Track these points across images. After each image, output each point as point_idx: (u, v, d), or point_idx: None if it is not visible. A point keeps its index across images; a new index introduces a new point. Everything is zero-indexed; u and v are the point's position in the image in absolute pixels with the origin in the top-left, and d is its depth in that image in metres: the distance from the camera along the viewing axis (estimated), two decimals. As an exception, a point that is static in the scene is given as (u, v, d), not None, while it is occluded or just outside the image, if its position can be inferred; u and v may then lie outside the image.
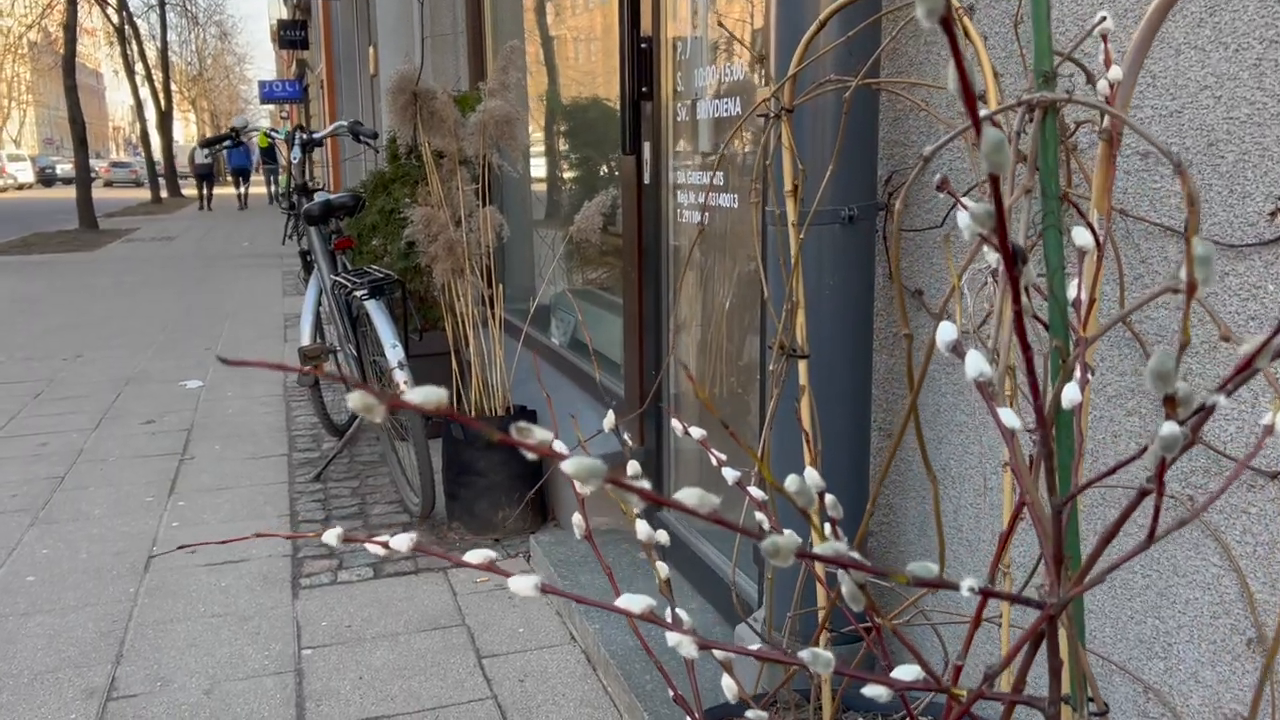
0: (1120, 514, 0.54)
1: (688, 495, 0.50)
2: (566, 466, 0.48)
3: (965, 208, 0.76)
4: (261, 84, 23.62)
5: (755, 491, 0.95)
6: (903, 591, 1.48)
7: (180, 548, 2.94)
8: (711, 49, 2.38)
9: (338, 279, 3.28)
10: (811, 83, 1.21)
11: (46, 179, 42.07)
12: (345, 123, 3.70)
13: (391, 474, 3.54)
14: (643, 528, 0.78)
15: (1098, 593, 1.16)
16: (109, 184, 43.70)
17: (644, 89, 2.60)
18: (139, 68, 27.01)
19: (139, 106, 26.96)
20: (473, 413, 3.14)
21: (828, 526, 0.82)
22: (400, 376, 2.95)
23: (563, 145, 4.13)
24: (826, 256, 1.37)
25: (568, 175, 4.08)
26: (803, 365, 1.21)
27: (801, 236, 1.15)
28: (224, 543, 0.79)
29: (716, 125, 2.37)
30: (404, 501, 3.32)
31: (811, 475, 0.75)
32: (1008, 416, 0.62)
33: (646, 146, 2.67)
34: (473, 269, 3.17)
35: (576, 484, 0.91)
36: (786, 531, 0.68)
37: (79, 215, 15.92)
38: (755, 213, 1.32)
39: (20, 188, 38.83)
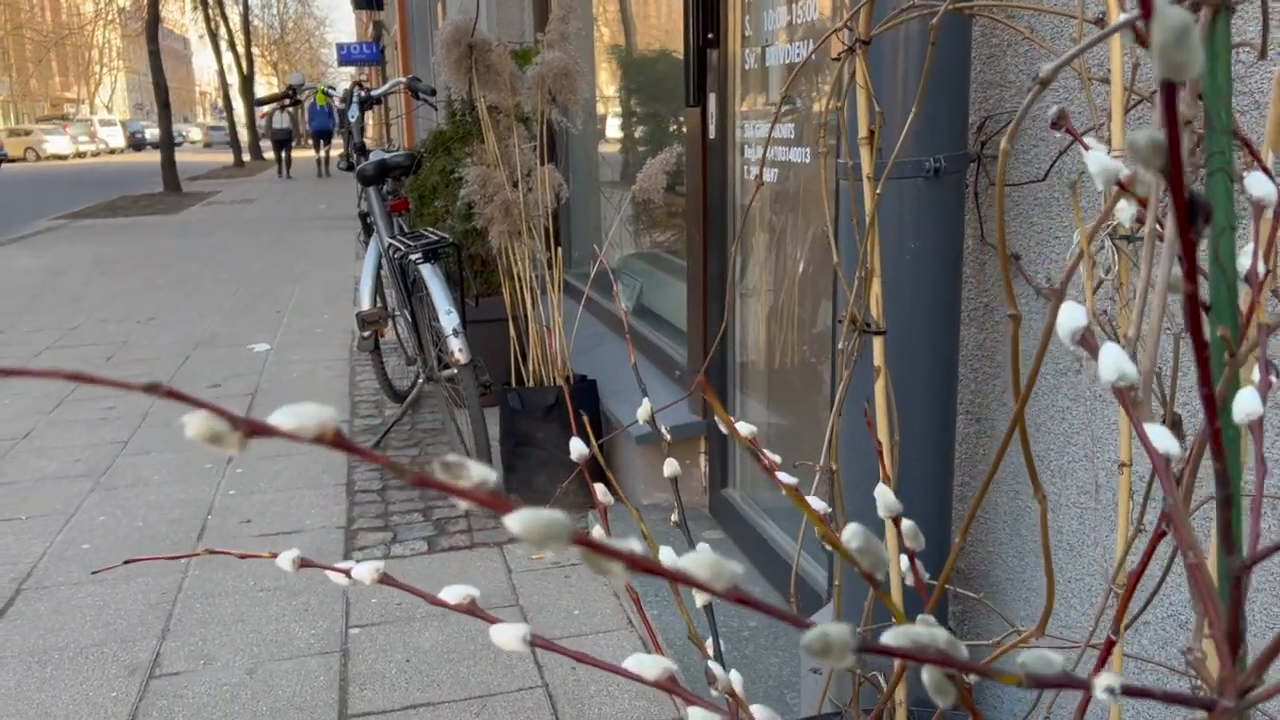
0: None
1: (698, 565, 0.35)
2: (512, 524, 0.33)
3: (1087, 147, 0.57)
4: (339, 46, 23.76)
5: (816, 503, 0.79)
6: (992, 606, 1.31)
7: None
8: (782, -11, 2.17)
9: (393, 242, 3.18)
10: (893, 9, 1.03)
11: (136, 143, 43.28)
12: (404, 79, 3.57)
13: (451, 443, 3.45)
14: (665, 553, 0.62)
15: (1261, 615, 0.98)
16: (207, 145, 45.68)
17: (709, 35, 2.41)
18: (222, 32, 27.44)
19: (222, 71, 27.42)
20: (531, 382, 3.02)
21: (904, 560, 0.66)
22: (455, 344, 2.83)
23: (628, 100, 3.96)
24: (908, 215, 1.19)
25: (633, 132, 3.91)
26: (878, 343, 1.03)
27: (879, 192, 0.98)
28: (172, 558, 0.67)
29: (788, 73, 2.17)
30: (462, 471, 3.22)
31: (886, 497, 0.59)
32: (1161, 437, 0.44)
33: (712, 98, 2.48)
34: (531, 231, 3.03)
35: (598, 492, 0.74)
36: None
37: (163, 179, 16.26)
38: (824, 165, 1.14)
39: (111, 152, 40.00)
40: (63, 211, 13.27)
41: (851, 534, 0.39)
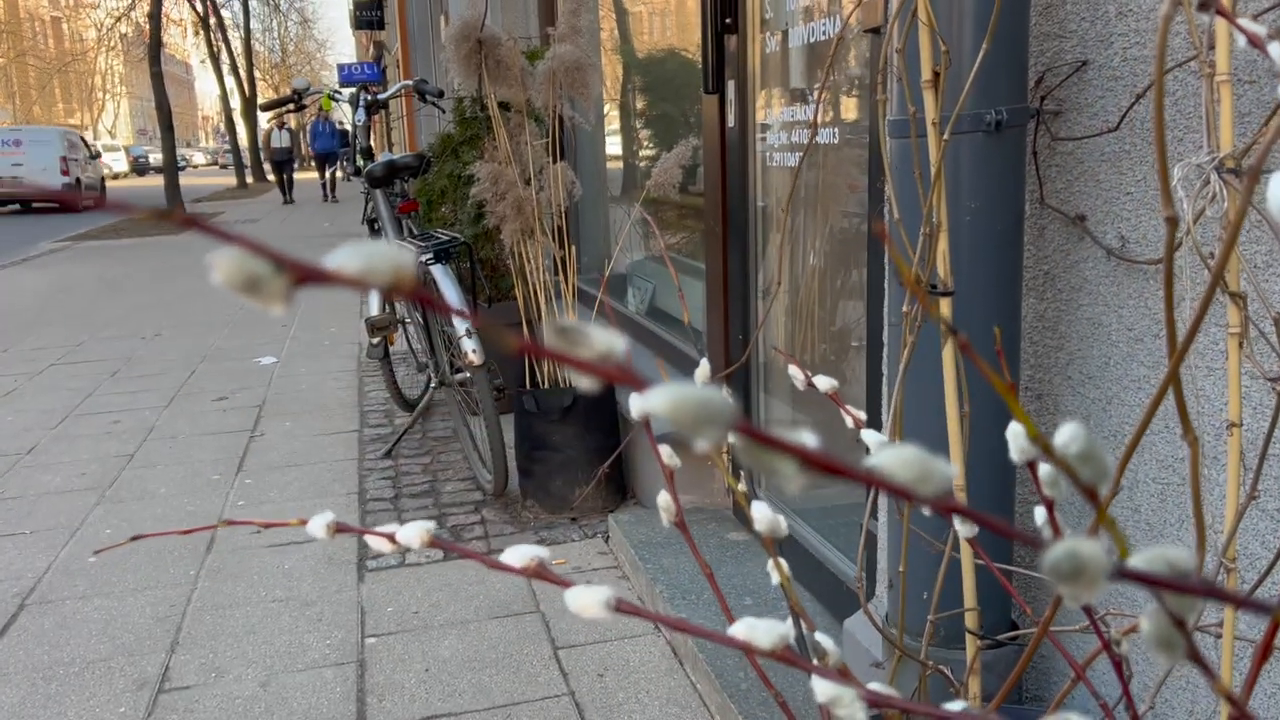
0: None
1: (901, 464, 0.27)
2: (654, 402, 0.24)
3: (1243, 30, 0.49)
4: (340, 67, 23.72)
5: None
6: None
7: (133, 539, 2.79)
8: (805, -32, 2.10)
9: (402, 244, 3.10)
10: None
11: (140, 168, 43.38)
12: (410, 81, 3.51)
13: (464, 450, 3.36)
14: (761, 513, 0.54)
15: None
16: (223, 166, 46.21)
17: (728, 20, 2.34)
18: (224, 57, 27.51)
19: (224, 95, 27.47)
20: (545, 384, 2.93)
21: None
22: (468, 345, 2.75)
23: (640, 99, 3.89)
24: (965, 174, 1.10)
25: (644, 134, 3.84)
26: (945, 304, 0.95)
27: (945, 139, 0.90)
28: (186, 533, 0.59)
29: (811, 53, 2.10)
30: (477, 479, 3.14)
31: (1020, 438, 0.51)
32: None
33: (731, 85, 2.41)
34: (543, 230, 2.95)
35: (663, 455, 0.65)
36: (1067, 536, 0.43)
37: (167, 200, 16.22)
38: (880, 113, 1.06)
39: (115, 177, 40.06)
40: (67, 234, 13.23)
41: (1070, 437, 0.31)
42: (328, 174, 18.92)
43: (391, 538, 0.53)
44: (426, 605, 2.32)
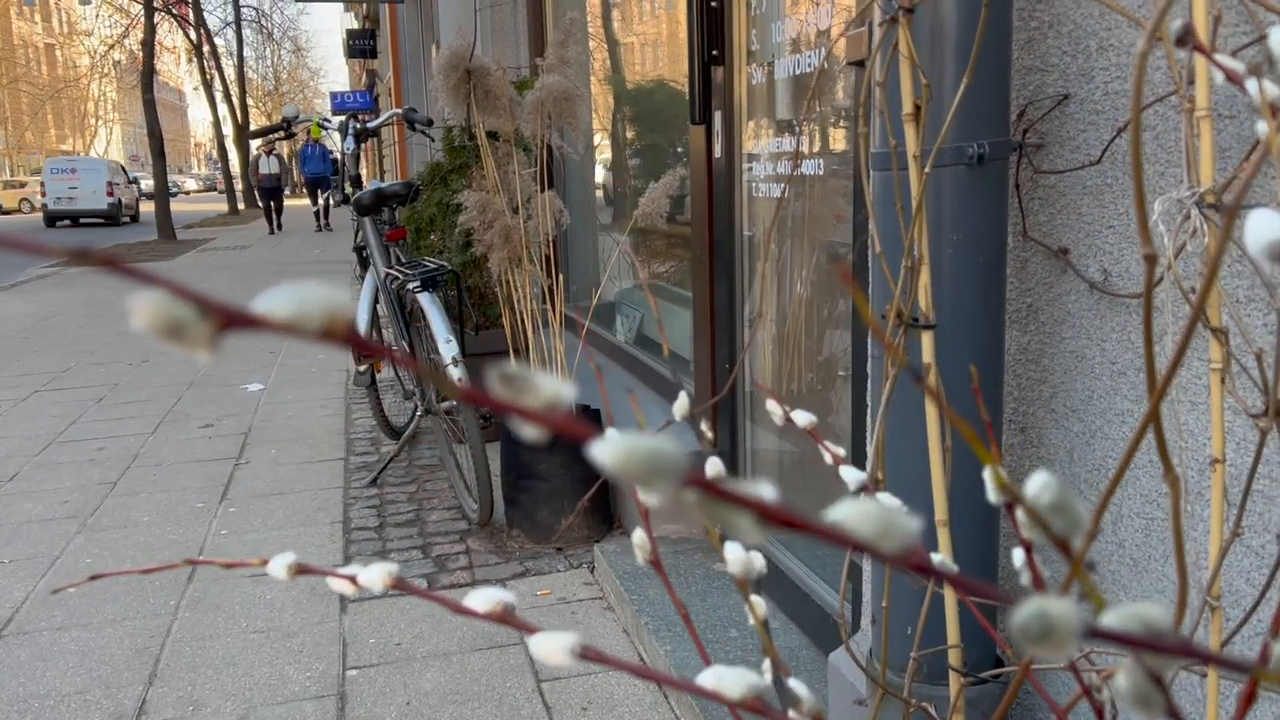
0: None
1: (861, 518, 0.26)
2: (604, 452, 0.24)
3: (1219, 65, 0.49)
4: (333, 95, 23.88)
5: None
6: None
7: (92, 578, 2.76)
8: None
9: (390, 271, 3.10)
10: (935, -22, 0.95)
11: (131, 194, 43.33)
12: (400, 110, 3.52)
13: (450, 479, 3.34)
14: (734, 554, 0.53)
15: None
16: (221, 191, 46.32)
17: (714, 52, 2.35)
18: (217, 84, 27.59)
19: (217, 122, 27.54)
20: (533, 413, 2.92)
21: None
22: (454, 373, 2.74)
23: (627, 130, 3.91)
24: (947, 206, 1.10)
25: (633, 161, 3.85)
26: (927, 337, 0.95)
27: (927, 172, 0.90)
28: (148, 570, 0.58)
29: (797, 85, 2.11)
30: (462, 508, 3.12)
31: (993, 480, 0.50)
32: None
33: (717, 116, 2.42)
34: (531, 258, 2.95)
35: (638, 491, 0.64)
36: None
37: (158, 226, 16.23)
38: (863, 146, 1.06)
39: (107, 203, 39.98)
40: (57, 259, 13.18)
41: (1041, 486, 0.30)
42: (320, 201, 17.65)
43: (353, 580, 0.51)
44: (409, 637, 2.29)
